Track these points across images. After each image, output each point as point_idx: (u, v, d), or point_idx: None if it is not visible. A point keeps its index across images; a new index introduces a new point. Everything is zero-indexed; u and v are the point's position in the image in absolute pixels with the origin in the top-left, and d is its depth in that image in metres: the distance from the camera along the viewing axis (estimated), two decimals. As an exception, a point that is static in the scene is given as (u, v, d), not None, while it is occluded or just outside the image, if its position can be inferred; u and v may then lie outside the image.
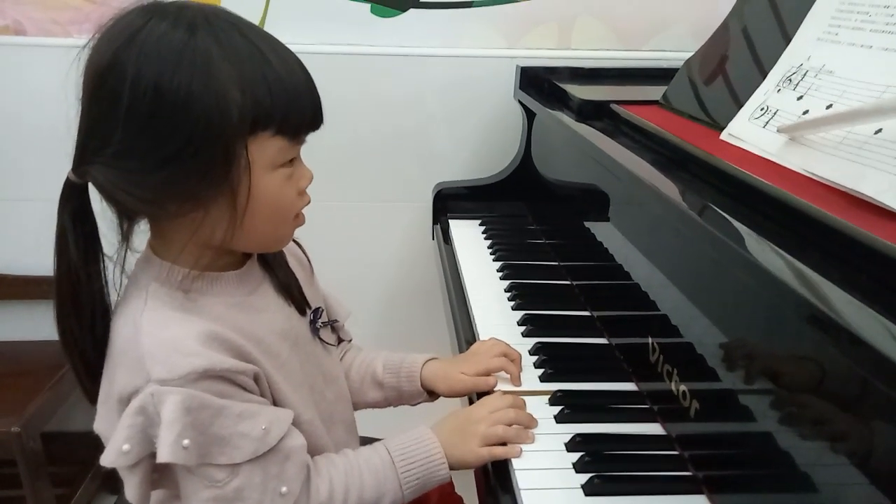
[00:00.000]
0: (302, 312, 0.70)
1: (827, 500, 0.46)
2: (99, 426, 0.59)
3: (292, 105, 0.57)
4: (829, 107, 0.62)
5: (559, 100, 1.08)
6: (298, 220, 0.63)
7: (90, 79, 0.54)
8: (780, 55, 0.73)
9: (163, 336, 0.55)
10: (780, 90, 0.70)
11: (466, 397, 0.79)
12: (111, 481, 1.40)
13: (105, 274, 0.59)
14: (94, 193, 0.57)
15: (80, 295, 0.58)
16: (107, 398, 0.58)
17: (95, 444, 0.58)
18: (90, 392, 0.60)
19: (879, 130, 0.55)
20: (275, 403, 0.62)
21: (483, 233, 1.20)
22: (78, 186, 0.56)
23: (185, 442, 0.53)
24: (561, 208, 1.14)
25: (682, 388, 0.65)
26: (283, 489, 0.58)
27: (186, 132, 0.53)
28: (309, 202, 0.63)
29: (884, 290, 0.43)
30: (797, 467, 0.48)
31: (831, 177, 0.57)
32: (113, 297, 0.60)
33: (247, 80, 0.54)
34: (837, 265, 0.47)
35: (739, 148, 0.70)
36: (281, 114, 0.56)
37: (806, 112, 0.64)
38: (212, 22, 0.54)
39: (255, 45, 0.55)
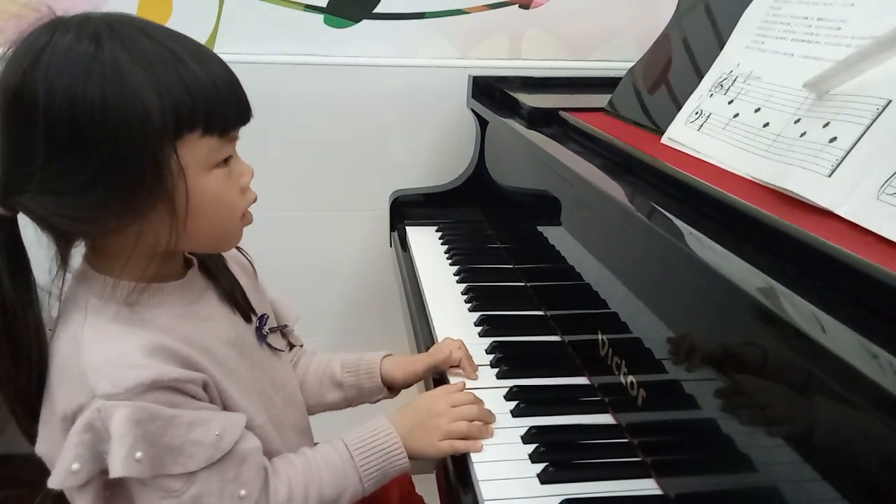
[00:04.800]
0: (247, 319, 0.69)
1: (764, 479, 0.49)
2: (41, 448, 0.57)
3: (214, 102, 0.55)
4: (757, 110, 0.66)
5: (510, 108, 1.10)
6: (246, 218, 0.62)
7: (2, 106, 0.52)
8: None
9: (106, 350, 0.54)
10: (712, 95, 0.74)
11: (422, 384, 0.80)
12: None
13: (38, 304, 0.57)
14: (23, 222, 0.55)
15: (17, 330, 0.56)
16: (49, 418, 0.56)
17: (44, 467, 0.56)
18: (29, 432, 0.58)
19: (804, 133, 0.59)
20: (226, 411, 0.61)
21: (440, 239, 1.22)
22: (7, 219, 0.54)
23: (138, 455, 0.52)
24: (514, 213, 1.16)
25: (630, 379, 0.68)
26: (242, 492, 0.58)
27: (109, 145, 0.51)
28: (255, 199, 0.62)
29: (809, 278, 0.46)
30: (736, 450, 0.51)
31: (761, 175, 0.60)
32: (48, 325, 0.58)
33: (162, 84, 0.52)
34: (768, 257, 0.50)
35: (678, 151, 0.74)
36: (204, 112, 0.54)
37: (736, 115, 0.69)
38: (116, 29, 0.53)
39: (165, 46, 0.54)
